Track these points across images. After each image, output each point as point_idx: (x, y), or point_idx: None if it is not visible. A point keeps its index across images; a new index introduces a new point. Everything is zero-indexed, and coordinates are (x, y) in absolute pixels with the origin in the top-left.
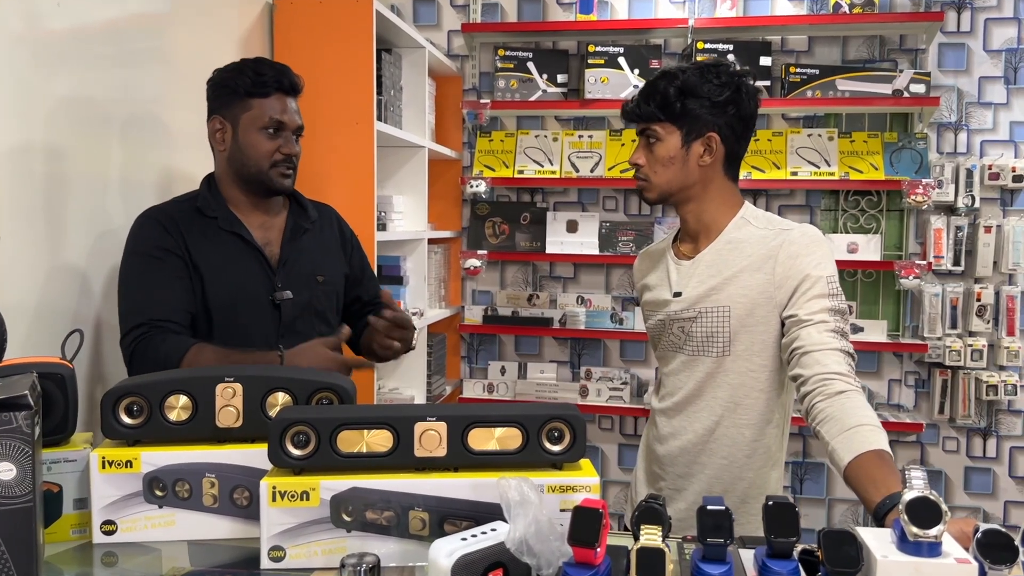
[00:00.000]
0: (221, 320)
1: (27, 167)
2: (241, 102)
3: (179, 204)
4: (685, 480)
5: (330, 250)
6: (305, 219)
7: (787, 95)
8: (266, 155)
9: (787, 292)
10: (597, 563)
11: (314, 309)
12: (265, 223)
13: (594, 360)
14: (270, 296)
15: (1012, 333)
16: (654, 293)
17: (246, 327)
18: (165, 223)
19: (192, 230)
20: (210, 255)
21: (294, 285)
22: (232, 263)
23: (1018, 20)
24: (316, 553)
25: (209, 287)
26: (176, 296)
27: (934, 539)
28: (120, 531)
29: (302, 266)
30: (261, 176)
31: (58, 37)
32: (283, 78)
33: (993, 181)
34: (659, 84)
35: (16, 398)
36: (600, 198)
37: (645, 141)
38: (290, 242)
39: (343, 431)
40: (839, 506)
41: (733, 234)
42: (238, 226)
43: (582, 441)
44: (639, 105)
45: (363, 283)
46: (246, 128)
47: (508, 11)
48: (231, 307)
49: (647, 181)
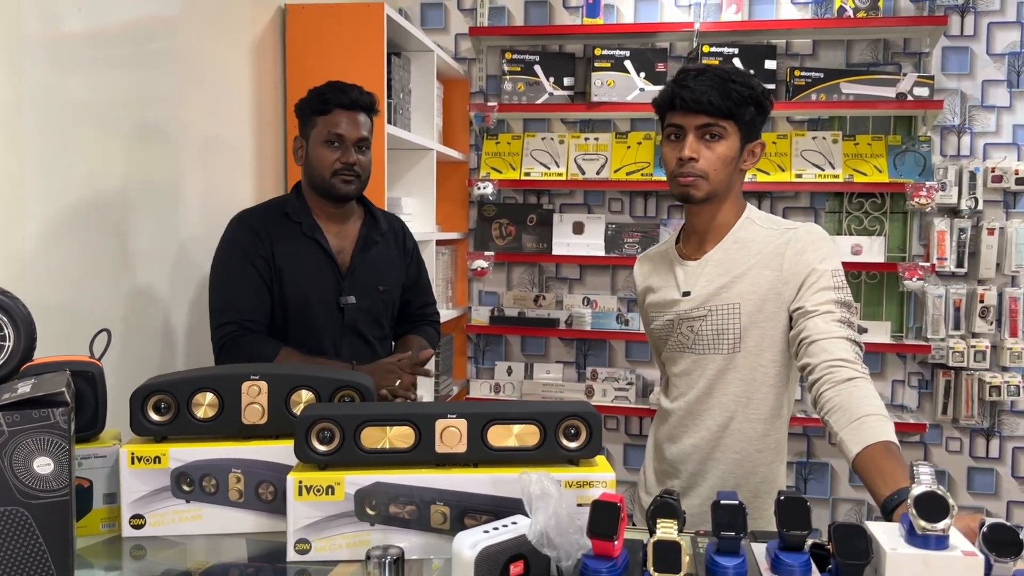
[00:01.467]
0: (295, 316)
1: (49, 169)
2: (310, 121)
3: (269, 209)
4: (698, 477)
5: (393, 262)
6: (376, 231)
7: (792, 98)
8: (328, 165)
9: (794, 287)
10: (615, 555)
11: (373, 315)
12: (341, 232)
13: (600, 360)
14: (336, 299)
15: (1015, 334)
16: (660, 294)
17: (315, 324)
18: (256, 228)
19: (280, 233)
20: (291, 258)
21: (358, 292)
22: (309, 267)
23: (1021, 24)
24: (341, 546)
25: (288, 286)
26: (262, 299)
27: (941, 532)
28: (148, 525)
29: (367, 276)
30: (326, 184)
31: (76, 41)
32: (343, 96)
33: (996, 184)
34: (729, 86)
35: (54, 395)
36: (606, 200)
37: (702, 136)
38: (361, 252)
39: (367, 427)
40: (843, 505)
41: (739, 234)
42: (319, 233)
43: (598, 438)
44: (712, 99)
45: (415, 289)
46: (314, 143)
47: (515, 15)
48: (304, 306)
49: (703, 178)
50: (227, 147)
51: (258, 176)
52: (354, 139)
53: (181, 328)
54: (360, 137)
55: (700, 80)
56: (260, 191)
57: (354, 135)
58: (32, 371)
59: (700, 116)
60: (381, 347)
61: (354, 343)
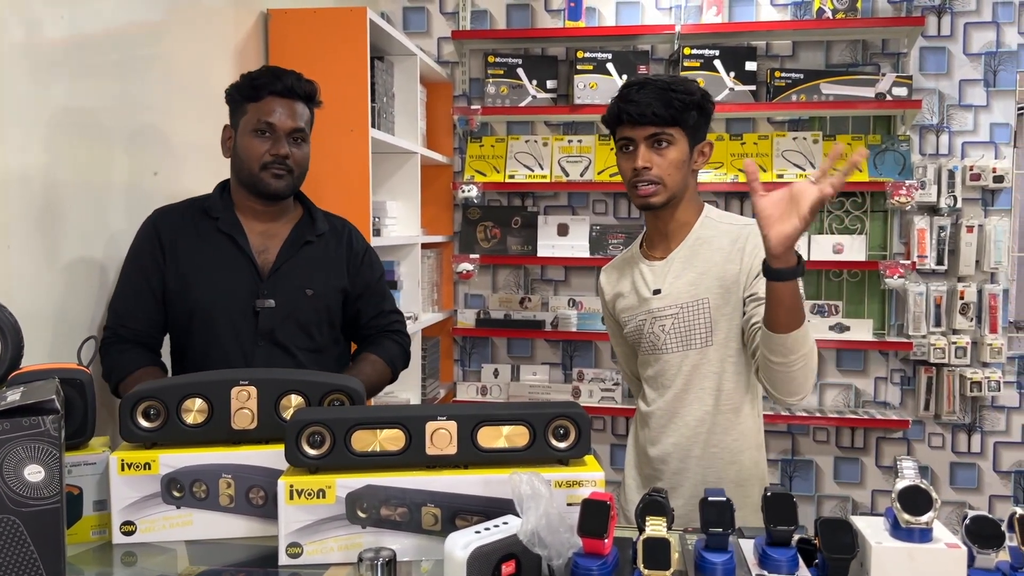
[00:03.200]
0: (199, 319)
1: (32, 176)
2: (240, 108)
3: (189, 204)
4: (680, 476)
5: (329, 265)
6: (311, 231)
7: (772, 99)
8: (256, 157)
9: (751, 277)
10: (605, 553)
11: (297, 321)
12: (267, 231)
13: (586, 362)
14: (252, 303)
15: (994, 330)
16: (630, 297)
17: (220, 329)
18: (160, 225)
19: (189, 229)
20: (197, 257)
21: (280, 295)
22: (218, 266)
23: (996, 24)
24: (332, 549)
25: (192, 287)
26: (141, 304)
27: (925, 525)
28: (139, 531)
29: (291, 278)
30: (254, 178)
31: (57, 47)
32: (277, 82)
33: (974, 182)
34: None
35: (44, 403)
36: (590, 201)
37: (652, 145)
38: (287, 252)
39: (357, 431)
40: (828, 502)
41: (701, 231)
42: (236, 230)
43: (587, 438)
44: (656, 110)
45: (366, 297)
46: (241, 132)
47: (497, 18)
48: (209, 309)
49: (659, 184)
50: (211, 153)
51: None
52: (287, 129)
53: None
54: (295, 128)
55: (643, 93)
56: None
57: (287, 125)
58: (20, 379)
59: (647, 127)
60: (311, 361)
61: (270, 352)
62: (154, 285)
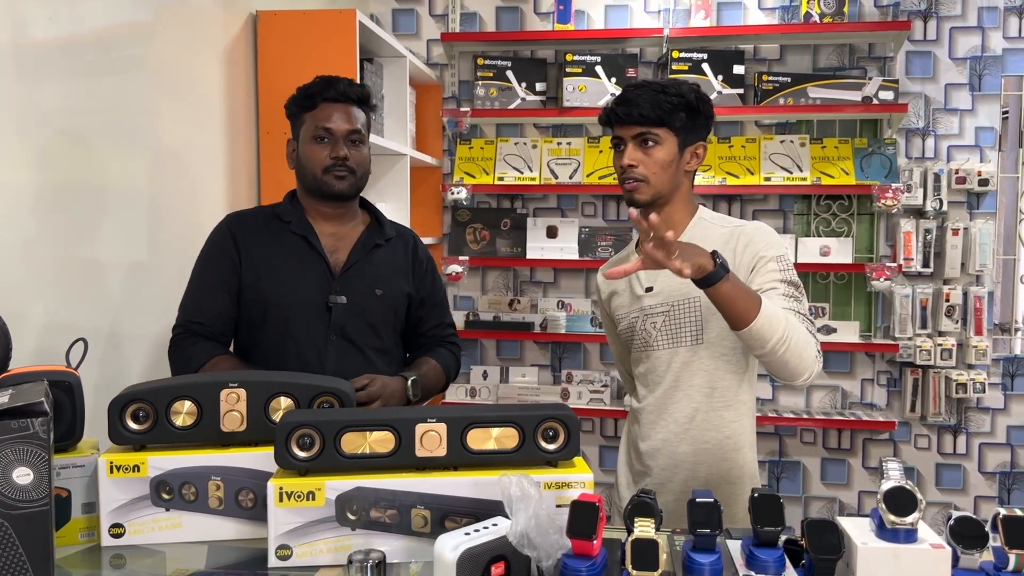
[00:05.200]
0: (273, 316)
1: (20, 177)
2: (298, 119)
3: (259, 210)
4: (670, 472)
5: (397, 269)
6: (380, 235)
7: (760, 102)
8: (318, 162)
9: (744, 275)
10: (594, 554)
11: (367, 319)
12: (337, 233)
13: (575, 363)
14: (325, 300)
15: (980, 332)
16: (623, 296)
17: (294, 325)
18: (233, 228)
19: (262, 231)
20: (272, 256)
21: (351, 293)
22: (292, 264)
23: (982, 29)
24: (322, 551)
25: (267, 285)
26: (216, 301)
27: (910, 526)
28: (128, 534)
29: (363, 277)
30: (318, 183)
31: (47, 49)
32: (329, 88)
33: (960, 185)
34: (659, 97)
35: (32, 405)
36: (579, 204)
37: (640, 144)
38: (357, 253)
39: (347, 433)
40: (815, 503)
41: (693, 232)
42: (308, 231)
43: (576, 439)
44: (643, 111)
45: (428, 306)
46: (303, 141)
47: (486, 20)
48: (284, 304)
49: (644, 182)
50: (200, 154)
51: (231, 182)
52: (344, 132)
53: (157, 336)
54: (351, 130)
55: (635, 94)
56: (233, 197)
57: (344, 128)
58: (8, 381)
59: (634, 127)
60: (380, 360)
61: (341, 347)
62: (229, 281)
